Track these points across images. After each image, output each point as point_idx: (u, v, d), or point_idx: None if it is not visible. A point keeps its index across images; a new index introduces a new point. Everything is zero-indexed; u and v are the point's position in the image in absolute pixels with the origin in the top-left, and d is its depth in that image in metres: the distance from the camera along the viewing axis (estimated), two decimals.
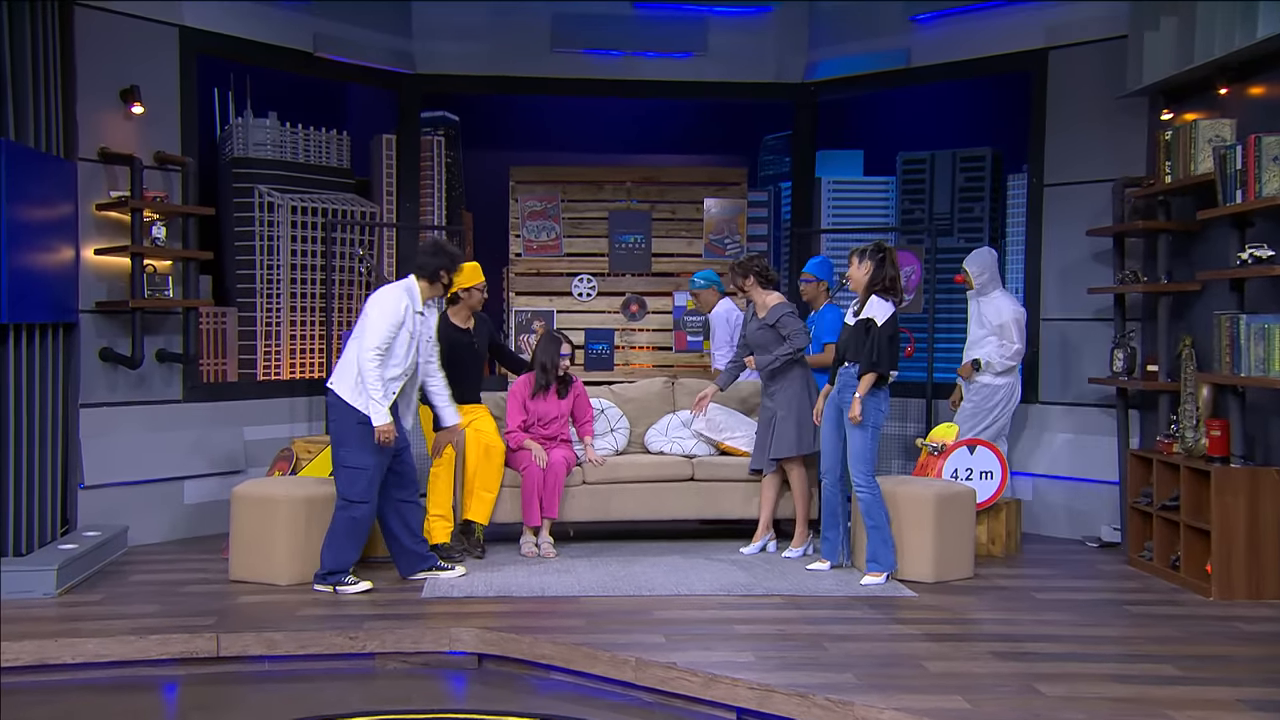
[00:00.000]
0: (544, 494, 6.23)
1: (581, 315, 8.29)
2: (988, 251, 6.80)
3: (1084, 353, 7.02)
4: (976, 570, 5.91)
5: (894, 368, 5.64)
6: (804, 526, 6.28)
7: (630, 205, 8.39)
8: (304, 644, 4.75)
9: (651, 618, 5.00)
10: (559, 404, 6.43)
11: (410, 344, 5.45)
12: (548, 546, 6.27)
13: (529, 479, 6.23)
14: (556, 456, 6.29)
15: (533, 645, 4.65)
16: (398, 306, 5.39)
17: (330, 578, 5.42)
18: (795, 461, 6.22)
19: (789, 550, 6.26)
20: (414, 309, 5.45)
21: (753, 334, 6.28)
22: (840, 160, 9.16)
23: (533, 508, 6.23)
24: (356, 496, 5.36)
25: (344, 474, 5.39)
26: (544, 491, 6.23)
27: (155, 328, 6.67)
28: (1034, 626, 4.93)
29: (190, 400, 6.85)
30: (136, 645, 4.65)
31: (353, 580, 5.44)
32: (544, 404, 6.41)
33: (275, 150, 7.91)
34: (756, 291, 6.27)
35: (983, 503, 6.29)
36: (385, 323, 5.33)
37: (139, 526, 6.55)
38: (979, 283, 6.68)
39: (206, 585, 5.60)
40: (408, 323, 5.42)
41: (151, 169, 6.60)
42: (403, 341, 5.40)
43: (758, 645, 4.59)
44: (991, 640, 4.70)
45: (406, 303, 5.42)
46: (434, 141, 8.69)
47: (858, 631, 4.82)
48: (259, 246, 7.74)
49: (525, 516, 6.26)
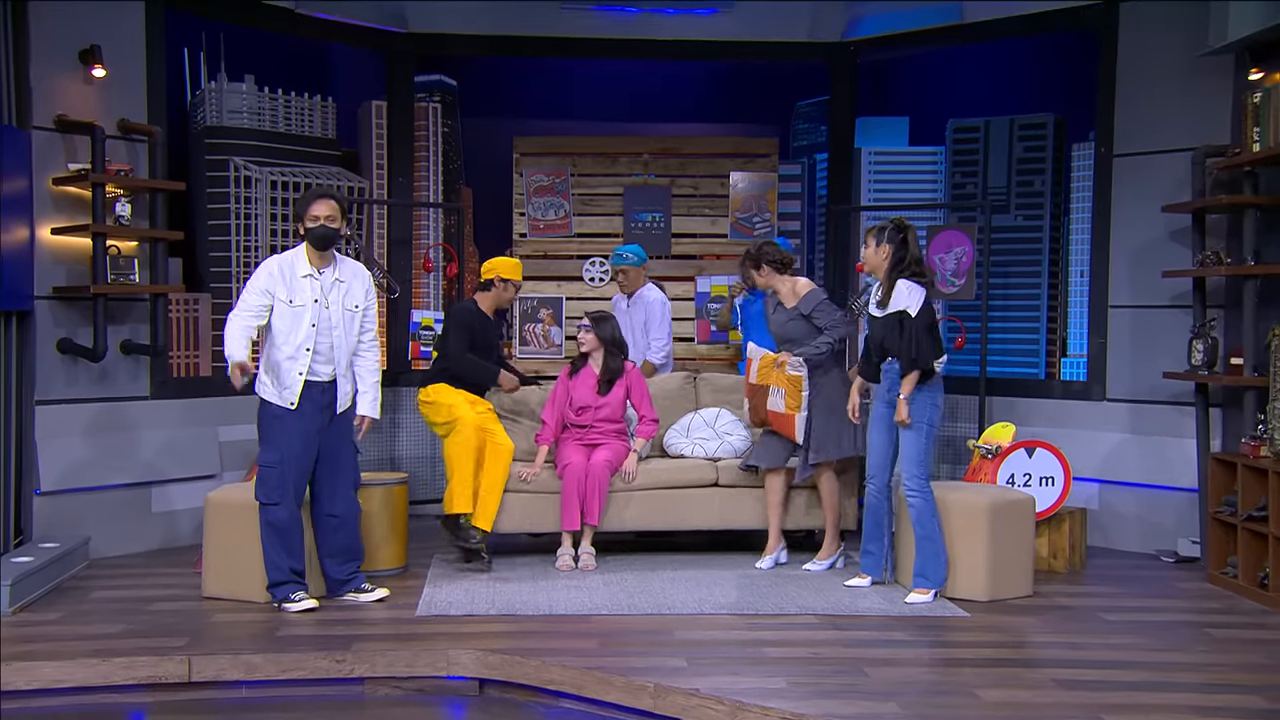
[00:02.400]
0: (584, 497, 6.26)
1: (593, 303, 8.28)
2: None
3: (1158, 344, 6.97)
4: (1036, 588, 5.89)
5: (939, 357, 5.60)
6: (834, 537, 6.29)
7: (647, 180, 8.38)
8: (285, 668, 4.75)
9: (672, 639, 5.01)
10: (601, 395, 6.48)
11: (298, 317, 5.37)
12: (588, 558, 6.29)
13: (569, 479, 6.26)
14: (599, 456, 6.32)
15: (540, 669, 4.65)
16: (264, 269, 5.39)
17: (271, 590, 5.45)
18: (826, 465, 6.22)
19: (813, 563, 6.28)
20: (297, 272, 5.40)
21: (782, 326, 6.27)
22: (883, 129, 9.13)
23: (573, 511, 6.25)
24: (264, 497, 5.38)
25: (257, 473, 5.46)
26: (584, 494, 6.26)
27: (120, 316, 6.70)
28: (1101, 652, 4.90)
29: (159, 397, 6.88)
30: (99, 669, 4.67)
31: (299, 596, 5.42)
32: (580, 389, 6.48)
33: (252, 118, 7.93)
34: (777, 279, 6.26)
35: (1043, 512, 6.27)
36: (250, 287, 5.38)
37: (102, 537, 6.58)
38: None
39: (177, 602, 5.62)
40: (284, 289, 5.34)
41: (115, 139, 6.62)
42: (283, 315, 5.36)
43: (791, 670, 4.58)
44: (1053, 666, 4.68)
45: (280, 265, 5.38)
46: (429, 109, 8.71)
47: (903, 655, 4.81)
48: (235, 225, 7.77)
49: (564, 520, 6.28)
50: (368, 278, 5.65)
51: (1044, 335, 8.35)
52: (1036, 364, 8.42)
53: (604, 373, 6.51)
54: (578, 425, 6.48)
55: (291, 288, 5.39)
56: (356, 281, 5.56)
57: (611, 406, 6.50)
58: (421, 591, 5.81)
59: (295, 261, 5.44)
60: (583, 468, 6.29)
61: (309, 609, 5.40)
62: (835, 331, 6.10)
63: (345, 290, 5.52)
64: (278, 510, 5.37)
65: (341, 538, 5.61)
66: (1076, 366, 7.91)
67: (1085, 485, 7.09)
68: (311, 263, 5.44)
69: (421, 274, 8.50)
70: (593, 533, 6.34)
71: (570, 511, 6.27)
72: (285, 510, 5.38)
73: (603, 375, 6.51)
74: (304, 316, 5.39)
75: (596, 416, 6.47)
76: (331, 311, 5.45)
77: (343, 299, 5.50)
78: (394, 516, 6.23)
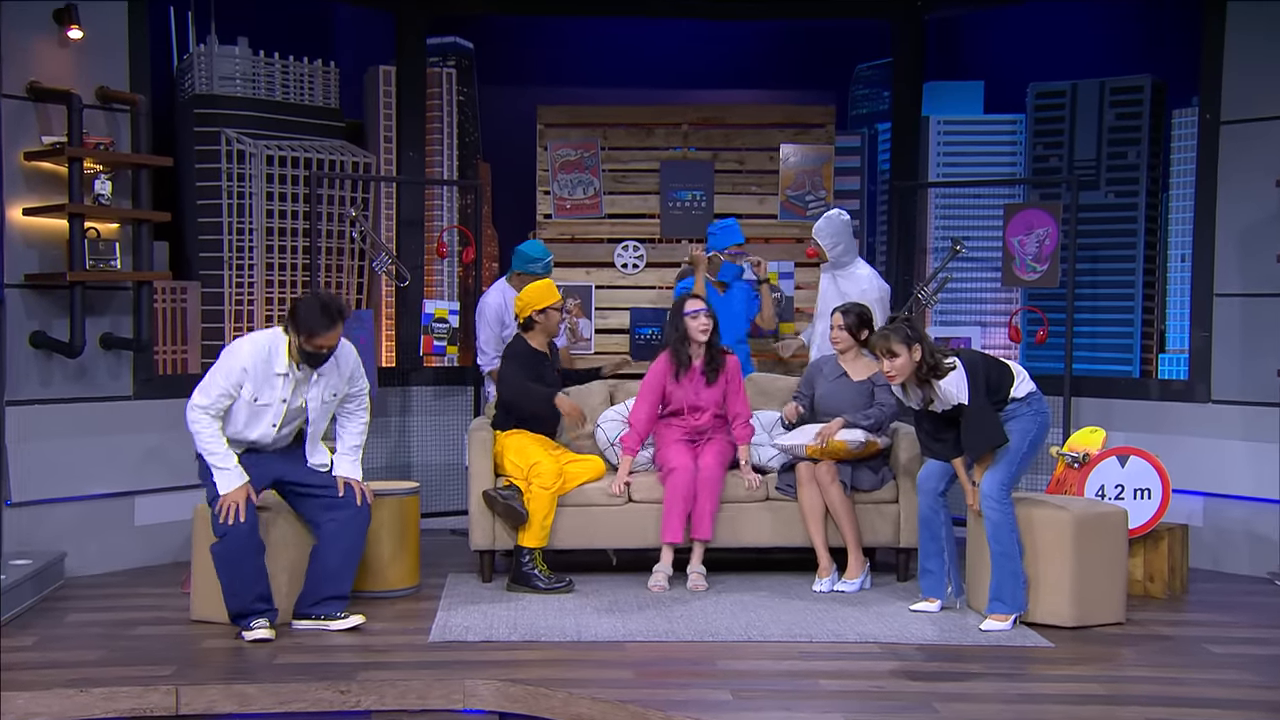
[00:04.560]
0: (694, 506, 6.26)
1: (626, 291, 8.26)
2: (839, 215, 7.16)
3: (1272, 338, 6.90)
4: (1130, 614, 5.84)
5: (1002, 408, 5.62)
6: (857, 551, 6.33)
7: (687, 154, 8.36)
8: (284, 699, 4.75)
9: (715, 669, 4.99)
10: (709, 391, 6.50)
11: (257, 415, 5.46)
12: (698, 577, 6.29)
13: (674, 484, 6.26)
14: (709, 459, 6.32)
15: (567, 702, 4.64)
16: (238, 362, 5.39)
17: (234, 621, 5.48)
18: (827, 471, 6.24)
19: (843, 583, 6.32)
20: (272, 369, 5.45)
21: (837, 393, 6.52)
22: (954, 94, 9.06)
23: (677, 521, 6.24)
24: (216, 530, 5.41)
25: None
26: (693, 502, 6.25)
27: (99, 307, 6.74)
28: (1206, 688, 4.84)
29: (143, 396, 6.92)
30: (77, 700, 4.68)
31: (260, 623, 5.39)
32: (688, 389, 6.49)
33: (247, 86, 7.96)
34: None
35: (1138, 529, 6.22)
36: (218, 376, 5.40)
37: (79, 553, 6.62)
38: (833, 255, 7.16)
39: (163, 626, 5.64)
40: (250, 388, 5.40)
41: (93, 109, 6.65)
42: (240, 410, 5.43)
43: (849, 705, 4.55)
44: (1150, 704, 4.63)
45: (256, 362, 5.40)
46: (442, 75, 8.71)
47: (977, 690, 4.77)
48: (227, 206, 7.81)
49: (665, 531, 6.29)
50: (353, 357, 5.68)
51: (1139, 328, 8.26)
52: (1130, 361, 8.32)
53: (708, 365, 6.53)
54: (696, 429, 6.51)
55: (260, 385, 5.44)
56: (337, 372, 5.60)
57: (718, 402, 6.55)
58: (435, 615, 5.81)
59: (273, 357, 5.45)
60: (691, 471, 6.28)
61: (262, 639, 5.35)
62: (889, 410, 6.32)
63: (324, 384, 5.59)
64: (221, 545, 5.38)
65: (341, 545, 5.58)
66: (1176, 363, 7.83)
67: (1187, 499, 7.01)
68: (291, 357, 5.46)
69: (434, 260, 8.51)
70: (704, 550, 6.34)
71: (674, 521, 6.25)
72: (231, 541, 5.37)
73: (708, 365, 6.53)
74: (264, 416, 5.49)
75: (708, 416, 6.53)
76: (307, 405, 5.57)
77: (321, 392, 5.59)
78: (405, 530, 6.24)
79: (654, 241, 8.33)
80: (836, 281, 7.19)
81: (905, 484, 6.45)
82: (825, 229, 7.15)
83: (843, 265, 7.20)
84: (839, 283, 7.17)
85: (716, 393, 6.55)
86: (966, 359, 5.59)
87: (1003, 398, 5.61)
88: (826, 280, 7.25)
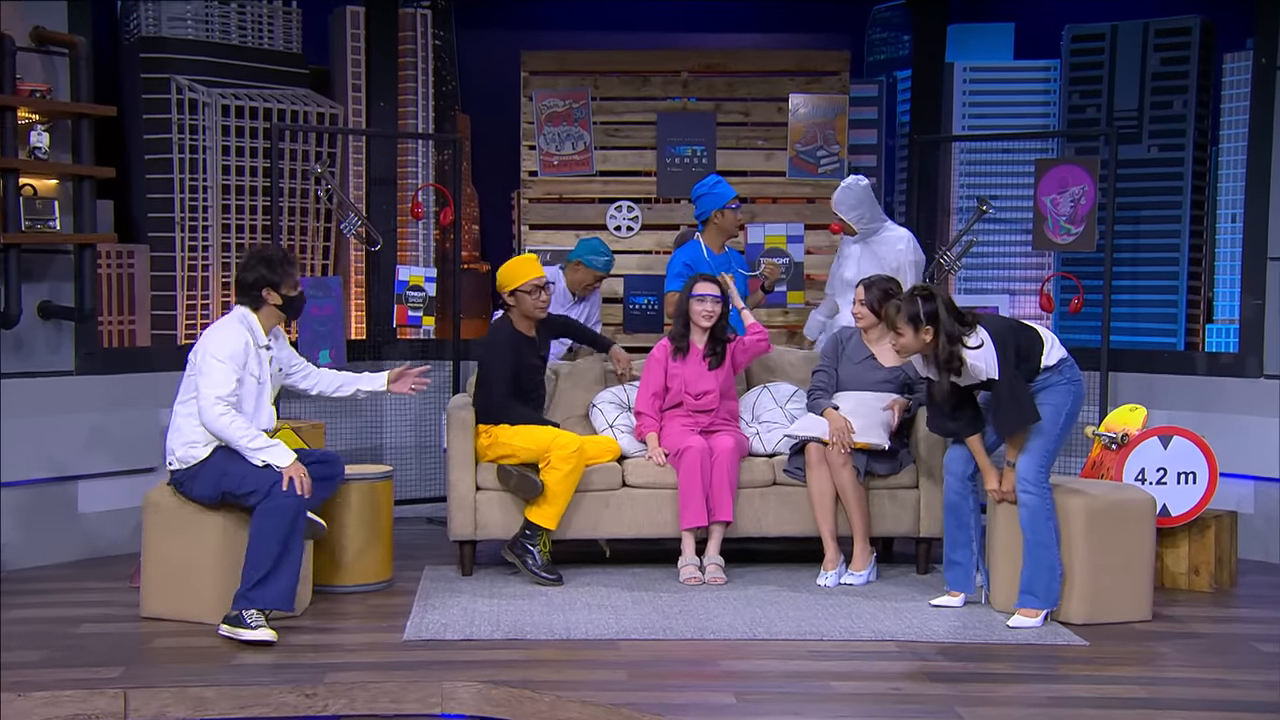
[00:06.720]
0: (710, 489, 6.31)
1: (620, 257, 8.26)
2: (856, 182, 7.10)
3: None
4: (1172, 609, 5.88)
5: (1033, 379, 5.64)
6: (864, 541, 6.37)
7: (687, 105, 8.36)
8: (244, 703, 4.77)
9: (717, 669, 5.02)
10: (712, 375, 6.58)
11: (258, 392, 5.68)
12: (715, 569, 6.34)
13: (688, 463, 6.31)
14: (723, 442, 6.37)
15: (555, 706, 4.65)
16: (237, 343, 5.57)
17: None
18: (840, 454, 6.26)
19: (849, 575, 6.36)
20: (256, 344, 5.67)
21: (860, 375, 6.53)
22: (982, 38, 9.06)
23: (695, 504, 6.29)
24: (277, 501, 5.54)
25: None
26: (710, 485, 6.30)
27: (37, 272, 6.73)
28: (1255, 690, 4.87)
29: (86, 372, 6.92)
30: (16, 706, 4.69)
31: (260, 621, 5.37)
32: (688, 371, 6.57)
33: (199, 28, 7.92)
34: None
35: (1182, 515, 6.26)
36: (218, 363, 5.52)
37: (16, 544, 6.63)
38: (860, 226, 7.11)
39: (110, 624, 5.65)
40: (250, 364, 5.62)
41: (27, 51, 6.63)
42: (250, 391, 5.64)
43: (863, 710, 4.57)
44: (1193, 709, 4.65)
45: (248, 338, 5.62)
46: (416, 17, 8.69)
47: (1004, 693, 4.80)
48: (178, 161, 7.78)
49: (685, 517, 6.33)
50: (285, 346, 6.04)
51: (1184, 296, 8.26)
52: (1174, 332, 8.34)
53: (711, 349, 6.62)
54: (700, 411, 6.58)
55: (255, 360, 5.67)
56: (283, 350, 5.98)
57: (727, 385, 6.65)
58: (410, 611, 5.82)
59: (254, 332, 5.71)
60: (704, 450, 6.33)
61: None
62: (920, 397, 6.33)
63: (277, 357, 5.91)
64: None
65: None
66: (1226, 335, 7.84)
67: (1236, 483, 7.04)
68: (267, 333, 5.78)
69: (409, 221, 8.50)
70: (723, 533, 6.40)
71: (693, 504, 6.29)
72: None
73: (710, 351, 6.61)
74: (263, 397, 5.73)
75: (713, 399, 6.59)
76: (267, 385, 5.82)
77: (276, 365, 5.88)
78: (377, 519, 6.26)
79: (650, 201, 8.34)
80: (870, 245, 7.15)
81: (926, 467, 6.47)
82: (844, 200, 7.09)
83: (873, 232, 7.17)
84: (872, 246, 7.14)
85: (722, 374, 6.61)
86: (993, 328, 5.59)
87: (1034, 366, 5.62)
88: (857, 247, 7.20)
